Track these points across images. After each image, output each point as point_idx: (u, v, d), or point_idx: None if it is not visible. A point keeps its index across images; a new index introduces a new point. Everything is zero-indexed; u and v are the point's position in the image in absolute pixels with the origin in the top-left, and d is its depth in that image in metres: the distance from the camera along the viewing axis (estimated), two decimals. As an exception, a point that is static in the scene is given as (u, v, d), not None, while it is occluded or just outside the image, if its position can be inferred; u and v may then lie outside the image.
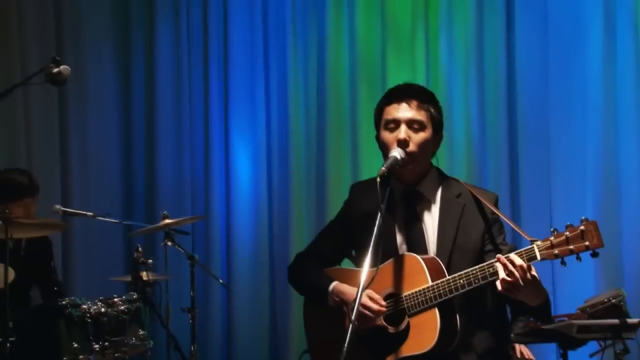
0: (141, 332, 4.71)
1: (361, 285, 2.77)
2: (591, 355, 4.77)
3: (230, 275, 6.22)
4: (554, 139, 5.79)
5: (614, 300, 4.44)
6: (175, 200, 6.32)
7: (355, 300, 2.77)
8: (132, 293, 4.77)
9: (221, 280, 5.56)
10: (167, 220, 5.05)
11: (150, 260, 4.92)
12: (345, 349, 2.64)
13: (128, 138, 6.53)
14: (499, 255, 2.79)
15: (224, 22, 6.44)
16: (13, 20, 5.87)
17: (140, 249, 4.85)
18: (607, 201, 5.54)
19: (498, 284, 2.78)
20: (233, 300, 6.28)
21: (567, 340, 4.45)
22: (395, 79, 5.85)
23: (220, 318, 6.30)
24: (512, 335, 4.37)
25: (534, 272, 2.79)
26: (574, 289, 5.22)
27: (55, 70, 4.60)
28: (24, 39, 5.95)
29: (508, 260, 2.76)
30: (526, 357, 4.80)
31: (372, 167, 5.99)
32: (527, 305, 2.89)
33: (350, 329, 2.68)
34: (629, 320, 4.42)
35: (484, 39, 5.98)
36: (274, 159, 6.36)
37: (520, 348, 4.74)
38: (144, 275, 4.82)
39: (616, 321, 4.39)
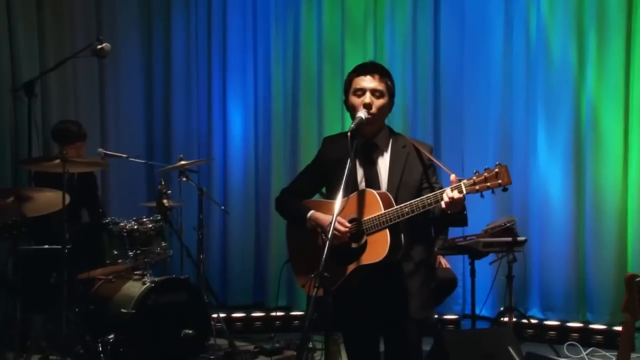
0: (163, 244, 4.69)
1: (336, 212, 2.75)
2: (491, 263, 4.89)
3: (225, 204, 6.16)
4: (467, 107, 5.83)
5: (508, 225, 4.53)
6: (186, 146, 6.21)
7: (330, 223, 2.77)
8: (156, 215, 4.73)
9: (223, 207, 5.49)
10: (183, 162, 4.98)
11: (169, 191, 4.87)
12: (323, 259, 2.62)
13: (150, 100, 6.38)
14: (447, 191, 2.78)
15: (222, 15, 6.29)
16: (64, 12, 5.71)
17: (163, 182, 4.78)
18: (503, 150, 5.60)
19: (443, 204, 2.76)
20: (228, 222, 6.26)
21: (475, 252, 4.55)
22: (351, 60, 5.84)
23: (218, 235, 6.28)
24: (435, 249, 4.45)
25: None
26: (479, 216, 5.27)
27: (99, 46, 4.50)
28: (74, 26, 5.78)
29: (450, 197, 2.76)
30: (443, 265, 4.89)
31: (332, 126, 6.03)
32: (455, 216, 2.86)
33: (327, 244, 2.67)
34: (518, 239, 4.53)
35: (417, 32, 5.95)
36: (260, 118, 6.30)
37: (440, 259, 4.83)
38: (166, 202, 4.76)
39: (509, 239, 4.49)
